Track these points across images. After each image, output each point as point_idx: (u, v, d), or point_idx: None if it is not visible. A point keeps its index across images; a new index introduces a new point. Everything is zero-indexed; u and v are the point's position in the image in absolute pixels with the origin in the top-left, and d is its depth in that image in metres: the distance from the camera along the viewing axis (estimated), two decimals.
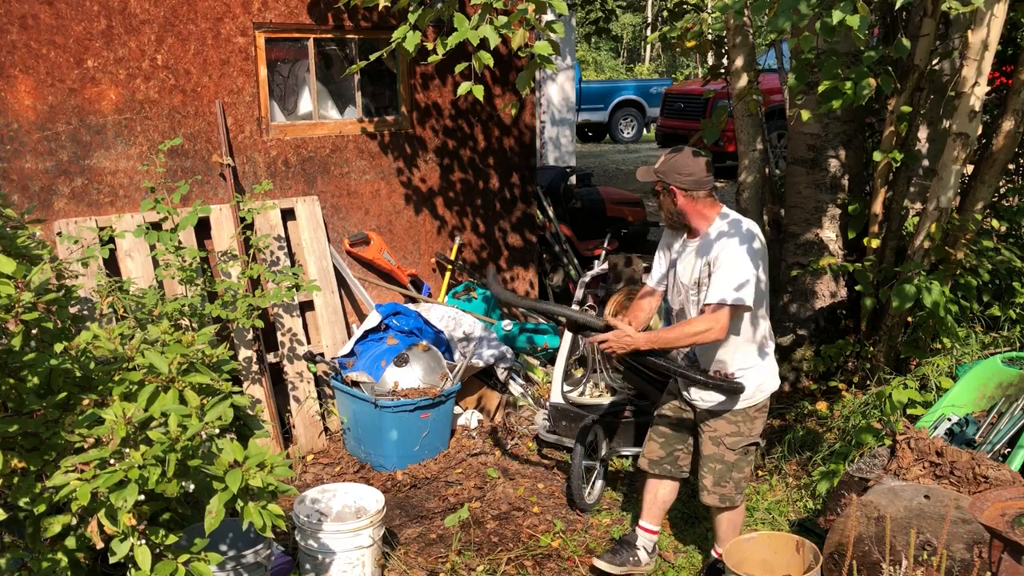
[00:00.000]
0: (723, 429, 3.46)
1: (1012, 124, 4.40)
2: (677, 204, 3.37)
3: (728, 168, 13.22)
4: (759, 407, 3.46)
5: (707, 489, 3.53)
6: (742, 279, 3.22)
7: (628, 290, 4.95)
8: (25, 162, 4.52)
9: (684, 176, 3.32)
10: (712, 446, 3.49)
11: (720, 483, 3.50)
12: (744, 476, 3.52)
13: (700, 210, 3.37)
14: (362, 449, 4.85)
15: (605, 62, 32.09)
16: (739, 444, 3.46)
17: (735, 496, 3.52)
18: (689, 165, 3.34)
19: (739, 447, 3.46)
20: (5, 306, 2.27)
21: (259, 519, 2.44)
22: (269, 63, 5.16)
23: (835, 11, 3.38)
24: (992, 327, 4.93)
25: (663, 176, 3.36)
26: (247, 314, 4.49)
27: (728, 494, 3.51)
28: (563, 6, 4.18)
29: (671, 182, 3.34)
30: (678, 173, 3.33)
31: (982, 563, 2.83)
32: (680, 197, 3.35)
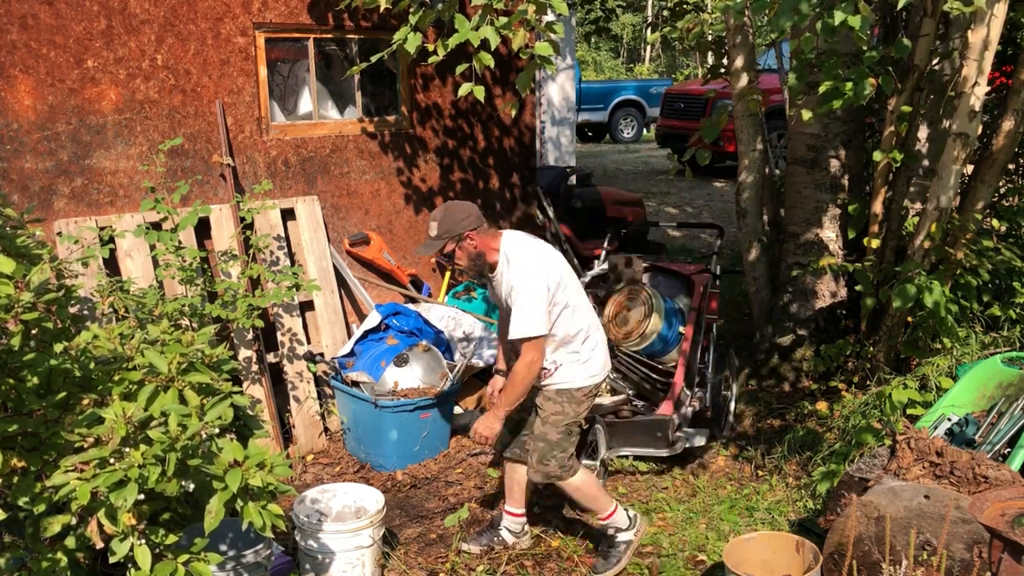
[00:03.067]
0: (549, 408, 3.65)
1: (1012, 124, 4.40)
2: (476, 247, 3.51)
3: (728, 168, 13.23)
4: (586, 392, 3.67)
5: (532, 467, 3.69)
6: (528, 312, 3.43)
7: (628, 290, 4.95)
8: (25, 162, 4.52)
9: (465, 220, 3.47)
10: (540, 425, 3.67)
11: (543, 461, 3.66)
12: (567, 455, 3.68)
13: (489, 244, 3.54)
14: (362, 449, 4.85)
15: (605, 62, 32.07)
16: (561, 423, 3.64)
17: (560, 473, 3.67)
18: (461, 209, 3.50)
19: (561, 426, 3.64)
20: (5, 306, 2.26)
21: (259, 519, 2.44)
22: (269, 63, 5.16)
23: (837, 11, 3.38)
24: (992, 327, 4.93)
25: (450, 233, 3.47)
26: (247, 314, 4.49)
27: (551, 471, 3.67)
28: (563, 6, 4.18)
29: (461, 231, 3.46)
30: (459, 222, 3.46)
31: (982, 563, 2.83)
32: (474, 238, 3.50)
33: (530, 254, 3.53)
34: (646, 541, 4.08)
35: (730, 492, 4.52)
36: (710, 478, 4.68)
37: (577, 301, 3.62)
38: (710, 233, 10.04)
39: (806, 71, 4.22)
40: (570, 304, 3.58)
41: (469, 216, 3.49)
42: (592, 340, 3.69)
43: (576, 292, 3.63)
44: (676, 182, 13.22)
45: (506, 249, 3.54)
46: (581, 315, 3.64)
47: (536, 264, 3.49)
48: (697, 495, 4.51)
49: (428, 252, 3.56)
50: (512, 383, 3.54)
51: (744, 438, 5.09)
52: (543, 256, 3.55)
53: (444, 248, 3.51)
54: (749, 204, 5.77)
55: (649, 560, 3.93)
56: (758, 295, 5.90)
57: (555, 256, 3.60)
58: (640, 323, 4.79)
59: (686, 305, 5.14)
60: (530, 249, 3.56)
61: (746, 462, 4.79)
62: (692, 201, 11.98)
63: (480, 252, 3.53)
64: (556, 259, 3.58)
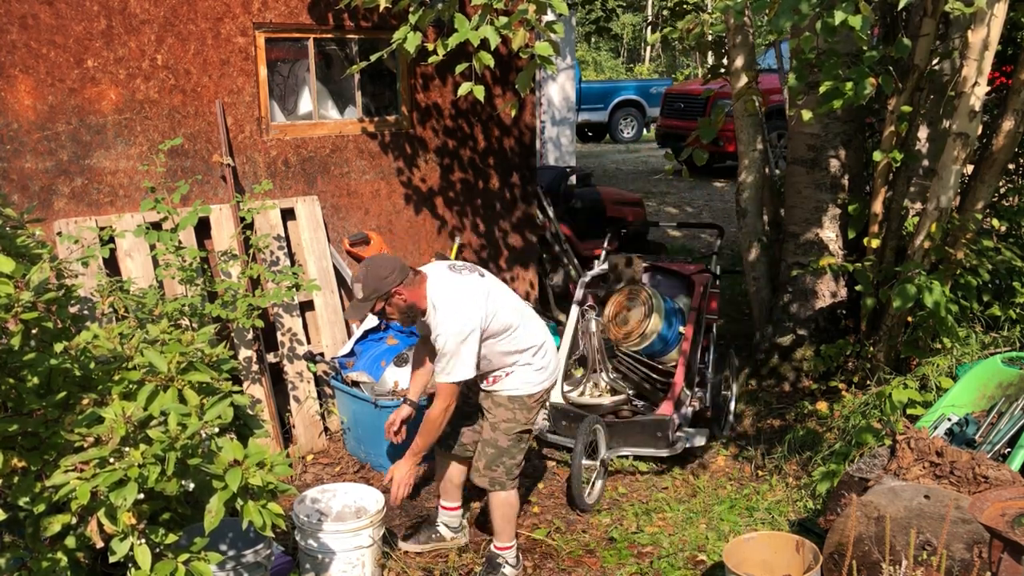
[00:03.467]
0: (500, 415, 3.63)
1: (1012, 124, 4.40)
2: (407, 300, 3.44)
3: (728, 168, 13.23)
4: (536, 398, 3.67)
5: (479, 471, 3.67)
6: (452, 358, 3.40)
7: (629, 290, 4.95)
8: (25, 162, 4.52)
9: (390, 276, 3.40)
10: (490, 431, 3.65)
11: (491, 466, 3.64)
12: (516, 463, 3.67)
13: (418, 292, 3.46)
14: (362, 449, 4.85)
15: (605, 62, 32.08)
16: (513, 430, 3.63)
17: (505, 480, 3.65)
18: (384, 266, 3.42)
19: (512, 433, 3.63)
20: (5, 305, 2.26)
21: (259, 518, 2.44)
22: (269, 63, 5.16)
23: (837, 11, 3.38)
24: (992, 327, 4.93)
25: (377, 292, 3.40)
26: (247, 314, 4.49)
27: (498, 478, 3.64)
28: (563, 6, 4.18)
29: (387, 288, 3.39)
30: (383, 279, 3.39)
31: (982, 563, 2.83)
32: (404, 292, 3.42)
33: (454, 298, 3.44)
34: (646, 541, 4.08)
35: (730, 492, 4.52)
36: (710, 478, 4.68)
37: (518, 321, 3.58)
38: (710, 233, 10.04)
39: (806, 71, 4.22)
40: (511, 326, 3.55)
41: (393, 271, 3.41)
42: (543, 350, 3.68)
43: (515, 312, 3.59)
44: (676, 182, 13.22)
45: (431, 295, 3.46)
46: (527, 331, 3.62)
47: (460, 308, 3.42)
48: (697, 495, 4.51)
49: (358, 316, 3.50)
50: (427, 428, 3.52)
51: (744, 438, 5.09)
52: (467, 296, 3.46)
53: (374, 308, 3.45)
54: (749, 204, 5.77)
55: (649, 560, 3.93)
56: (758, 295, 5.90)
57: (481, 289, 3.51)
58: (640, 323, 4.79)
59: (686, 305, 5.14)
60: (453, 291, 3.47)
61: (746, 462, 4.80)
62: (692, 201, 11.98)
63: (411, 304, 3.46)
64: (481, 294, 3.49)
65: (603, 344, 4.87)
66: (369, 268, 3.44)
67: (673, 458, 4.72)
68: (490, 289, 3.55)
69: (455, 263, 3.65)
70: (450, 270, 3.58)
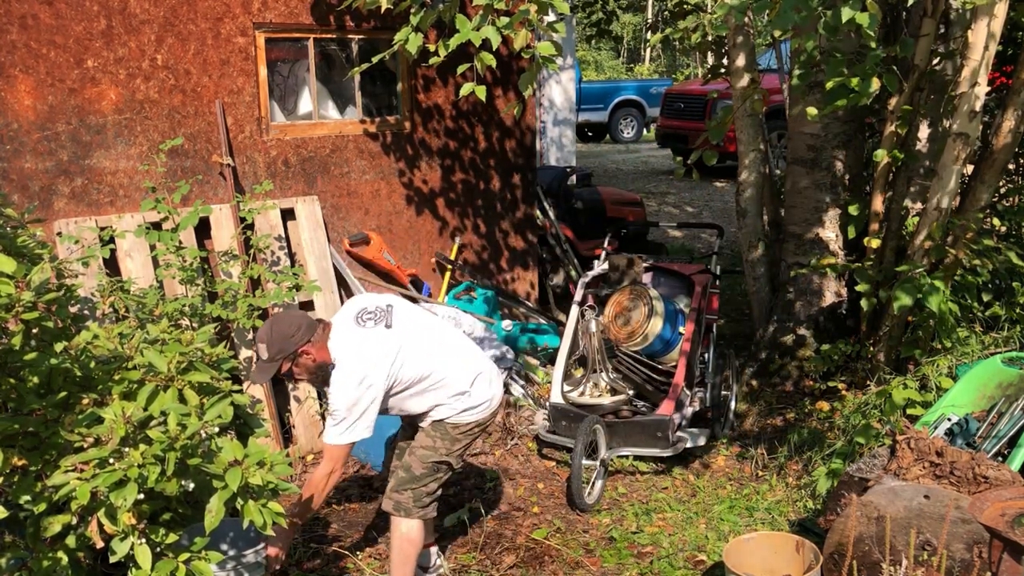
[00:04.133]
0: (420, 441, 3.41)
1: (1012, 124, 4.40)
2: (316, 360, 3.18)
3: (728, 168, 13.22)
4: (462, 431, 3.39)
5: (387, 493, 3.42)
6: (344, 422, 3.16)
7: (630, 290, 4.95)
8: (25, 162, 4.52)
9: (296, 334, 3.13)
10: (408, 455, 3.43)
11: (399, 489, 3.38)
12: (426, 491, 3.38)
13: (325, 347, 3.21)
14: (362, 449, 4.85)
15: (605, 62, 32.10)
16: (429, 459, 3.37)
17: (411, 507, 3.36)
18: (289, 323, 3.16)
19: (429, 461, 3.37)
20: (5, 305, 2.26)
21: (259, 517, 2.44)
22: (269, 63, 5.16)
23: (844, 9, 3.36)
24: (992, 327, 4.93)
25: (284, 352, 3.12)
26: (247, 314, 4.49)
27: (403, 502, 3.36)
28: (565, 6, 4.18)
29: (294, 348, 3.12)
30: (289, 338, 3.12)
31: (982, 563, 2.83)
32: (311, 351, 3.16)
33: (353, 358, 3.17)
34: (646, 541, 4.08)
35: (730, 492, 4.52)
36: (710, 478, 4.68)
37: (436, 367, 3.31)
38: (710, 233, 10.04)
39: (810, 71, 4.22)
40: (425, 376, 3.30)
41: (299, 328, 3.13)
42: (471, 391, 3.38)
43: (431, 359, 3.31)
44: (676, 182, 13.22)
45: (332, 351, 3.20)
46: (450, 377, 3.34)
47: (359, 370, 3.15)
48: (697, 495, 4.51)
49: (264, 378, 3.18)
50: (308, 489, 3.22)
51: (745, 438, 5.09)
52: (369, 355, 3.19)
53: (280, 369, 3.16)
54: (749, 204, 5.77)
55: (649, 560, 3.93)
56: (758, 295, 5.90)
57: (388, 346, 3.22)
58: (641, 324, 4.80)
59: (686, 305, 5.15)
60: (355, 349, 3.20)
61: (746, 462, 4.80)
62: (692, 201, 11.98)
63: (319, 363, 3.18)
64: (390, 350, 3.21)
65: (603, 344, 4.87)
66: (273, 326, 3.15)
67: (673, 458, 4.72)
68: (401, 344, 3.25)
69: (365, 310, 3.32)
70: (356, 322, 3.27)
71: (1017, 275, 4.98)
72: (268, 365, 3.16)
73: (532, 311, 6.36)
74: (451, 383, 3.35)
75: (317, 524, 4.24)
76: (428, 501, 3.41)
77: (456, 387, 3.36)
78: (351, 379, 3.15)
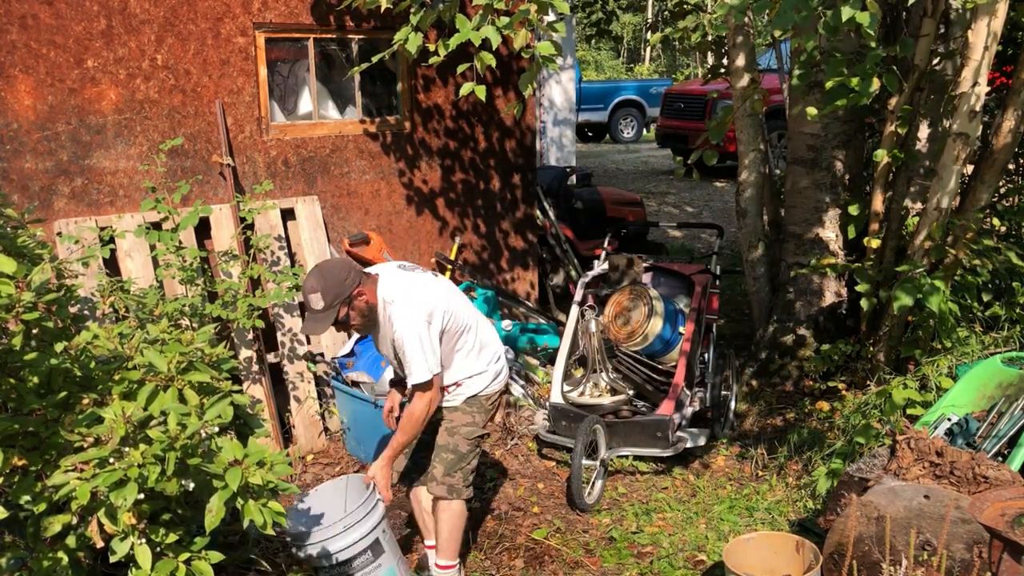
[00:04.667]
0: (459, 420, 3.48)
1: (1012, 124, 4.39)
2: (368, 301, 3.25)
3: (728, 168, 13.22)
4: (492, 401, 3.54)
5: (436, 479, 3.46)
6: (421, 356, 3.20)
7: (630, 290, 4.95)
8: (25, 162, 4.52)
9: (347, 278, 3.18)
10: (447, 436, 3.48)
11: (450, 472, 3.45)
12: (471, 469, 3.50)
13: (373, 291, 3.28)
14: (362, 449, 4.85)
15: (605, 62, 32.11)
16: (473, 435, 3.48)
17: (462, 488, 3.46)
18: (339, 268, 3.20)
19: (472, 437, 3.48)
20: (6, 306, 2.26)
21: (259, 517, 2.44)
22: (269, 63, 5.16)
23: (845, 8, 3.36)
24: (992, 327, 4.93)
25: (338, 297, 3.16)
26: (247, 314, 4.49)
27: (456, 485, 3.45)
28: (565, 6, 4.18)
29: (349, 291, 3.17)
30: (343, 282, 3.16)
31: (982, 563, 2.83)
32: (365, 292, 3.23)
33: (410, 291, 3.27)
34: (645, 541, 4.08)
35: (730, 492, 4.52)
36: (710, 478, 4.68)
37: (474, 322, 3.47)
38: (710, 233, 10.04)
39: (809, 71, 4.22)
40: (468, 326, 3.42)
41: (351, 271, 3.18)
42: (494, 351, 3.54)
43: (470, 313, 3.46)
44: (676, 182, 13.23)
45: (383, 293, 3.27)
46: (484, 333, 3.51)
47: (417, 299, 3.25)
48: (697, 495, 4.51)
49: (320, 329, 3.20)
50: (408, 425, 3.32)
51: (745, 438, 5.09)
52: (424, 289, 3.31)
53: (338, 316, 3.19)
54: (749, 204, 5.77)
55: (649, 560, 3.93)
56: (758, 295, 5.90)
57: (437, 286, 3.38)
58: (641, 324, 4.80)
59: (686, 305, 5.15)
60: (409, 286, 3.30)
61: (746, 462, 4.80)
62: (692, 201, 11.98)
63: (372, 305, 3.26)
64: (440, 289, 3.36)
65: (603, 344, 4.88)
66: (323, 274, 3.17)
67: (673, 458, 4.72)
68: (447, 287, 3.42)
69: (404, 263, 3.49)
70: (401, 268, 3.41)
71: (1017, 275, 4.98)
72: (325, 314, 3.15)
73: (532, 311, 6.36)
74: (489, 345, 3.50)
75: None
76: (472, 479, 3.52)
77: (492, 350, 3.51)
78: (415, 314, 3.21)
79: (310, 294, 3.15)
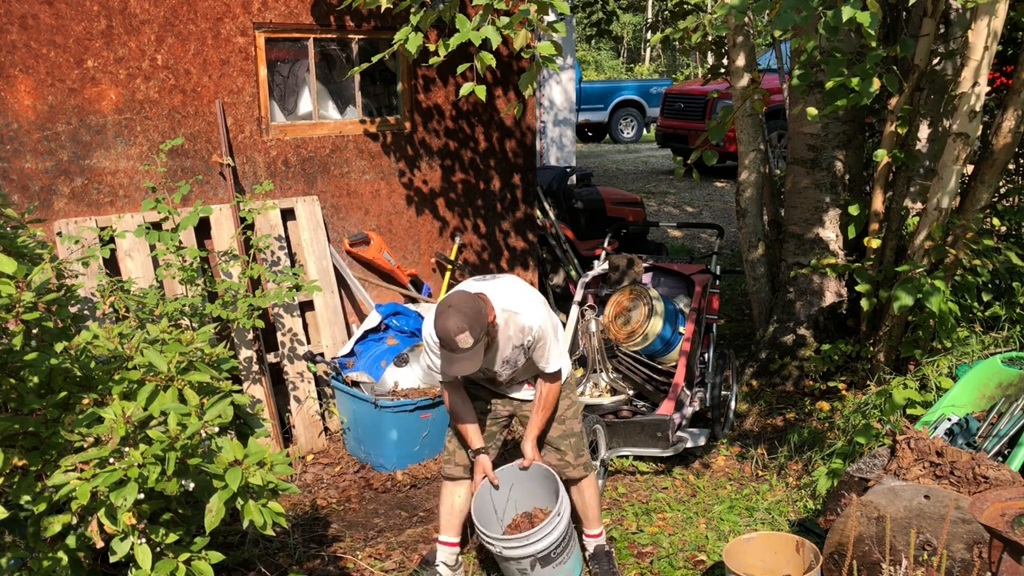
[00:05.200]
0: (561, 405, 3.61)
1: (1012, 124, 4.40)
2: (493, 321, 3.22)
3: (728, 168, 13.22)
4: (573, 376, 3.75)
5: (571, 464, 3.64)
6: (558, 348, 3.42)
7: (630, 290, 4.95)
8: (25, 162, 4.52)
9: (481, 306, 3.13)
10: (558, 426, 3.62)
11: (579, 452, 3.66)
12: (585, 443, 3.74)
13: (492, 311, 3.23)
14: (362, 449, 4.85)
15: (605, 62, 32.12)
16: (577, 412, 3.68)
17: (590, 461, 3.72)
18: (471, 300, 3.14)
19: (579, 414, 3.69)
20: (6, 306, 2.26)
21: (259, 517, 2.44)
22: (269, 63, 5.16)
23: (845, 8, 3.36)
24: (992, 327, 4.93)
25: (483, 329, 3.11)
26: (247, 314, 4.49)
27: (587, 460, 3.70)
28: (565, 6, 4.17)
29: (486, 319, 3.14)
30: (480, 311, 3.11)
31: (982, 563, 2.83)
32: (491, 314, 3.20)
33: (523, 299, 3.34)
34: (645, 541, 4.08)
35: (730, 492, 4.52)
36: (710, 478, 4.68)
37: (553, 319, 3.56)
38: (710, 233, 10.04)
39: (809, 71, 4.22)
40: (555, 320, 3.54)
41: (477, 299, 3.15)
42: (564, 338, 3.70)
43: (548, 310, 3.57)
44: (676, 182, 13.23)
45: (500, 307, 3.26)
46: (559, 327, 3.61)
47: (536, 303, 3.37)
48: (697, 495, 4.51)
49: (474, 366, 3.11)
50: (546, 405, 3.49)
51: (745, 438, 5.09)
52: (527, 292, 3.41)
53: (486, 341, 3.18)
54: (749, 204, 5.77)
55: (649, 560, 3.93)
56: (758, 295, 5.91)
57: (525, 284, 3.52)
58: (641, 324, 4.79)
59: (686, 305, 5.15)
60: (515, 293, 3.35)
61: (746, 462, 4.80)
62: (692, 201, 11.98)
63: (496, 325, 3.26)
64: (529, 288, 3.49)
65: (603, 344, 4.87)
66: (462, 310, 3.08)
67: (673, 458, 4.72)
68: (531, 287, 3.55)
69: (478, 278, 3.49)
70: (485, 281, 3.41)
71: (1017, 275, 4.98)
72: (475, 348, 3.10)
73: None
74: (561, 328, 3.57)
75: (317, 524, 4.24)
76: None
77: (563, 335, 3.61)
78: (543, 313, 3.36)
79: (457, 335, 3.05)
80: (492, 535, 3.40)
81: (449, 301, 3.14)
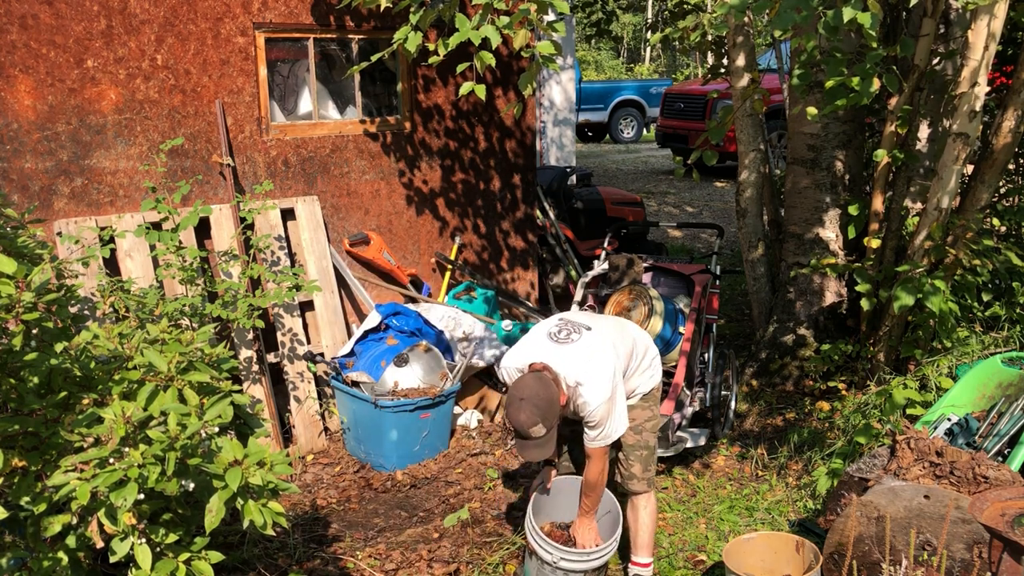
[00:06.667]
0: (641, 416, 3.56)
1: (1012, 124, 4.40)
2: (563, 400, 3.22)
3: (728, 168, 13.22)
4: (658, 390, 3.66)
5: (636, 477, 3.58)
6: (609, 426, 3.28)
7: (630, 290, 4.95)
8: (25, 162, 4.52)
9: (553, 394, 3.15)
10: (635, 435, 3.56)
11: (647, 467, 3.59)
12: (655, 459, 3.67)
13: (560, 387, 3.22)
14: (362, 449, 4.85)
15: (605, 62, 32.12)
16: (657, 427, 3.62)
17: (653, 478, 3.64)
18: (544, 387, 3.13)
19: (656, 429, 3.63)
20: (6, 306, 2.26)
21: (259, 517, 2.44)
22: (269, 63, 5.16)
23: (846, 9, 3.36)
24: (992, 327, 4.93)
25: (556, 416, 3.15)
26: (247, 314, 4.49)
27: (652, 477, 3.62)
28: (565, 6, 4.17)
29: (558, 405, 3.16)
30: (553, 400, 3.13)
31: (982, 563, 2.83)
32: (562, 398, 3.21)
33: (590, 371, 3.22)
34: None
35: (730, 492, 4.52)
36: (710, 478, 4.68)
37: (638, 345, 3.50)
38: (710, 233, 10.04)
39: (809, 71, 4.22)
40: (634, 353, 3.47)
41: (549, 384, 3.14)
42: (654, 351, 3.63)
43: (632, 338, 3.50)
44: (676, 182, 13.23)
45: (567, 378, 3.22)
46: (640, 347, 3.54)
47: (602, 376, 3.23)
48: (697, 495, 4.51)
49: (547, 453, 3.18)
50: (590, 488, 3.38)
51: (745, 438, 5.09)
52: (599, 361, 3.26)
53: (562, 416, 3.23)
54: (749, 204, 5.77)
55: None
56: (758, 295, 5.90)
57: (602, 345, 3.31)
58: (641, 323, 4.79)
59: (686, 305, 5.14)
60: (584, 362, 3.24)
61: (746, 462, 4.80)
62: (692, 201, 11.98)
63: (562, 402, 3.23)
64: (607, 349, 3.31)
65: None
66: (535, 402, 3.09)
67: (673, 458, 4.71)
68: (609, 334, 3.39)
69: (554, 332, 3.37)
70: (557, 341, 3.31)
71: (1017, 275, 4.98)
72: (549, 435, 3.15)
73: (532, 311, 6.35)
74: (649, 349, 3.59)
75: (317, 524, 4.24)
76: None
77: (653, 351, 3.61)
78: (605, 389, 3.21)
79: (531, 427, 3.10)
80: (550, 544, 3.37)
81: (522, 393, 3.12)
